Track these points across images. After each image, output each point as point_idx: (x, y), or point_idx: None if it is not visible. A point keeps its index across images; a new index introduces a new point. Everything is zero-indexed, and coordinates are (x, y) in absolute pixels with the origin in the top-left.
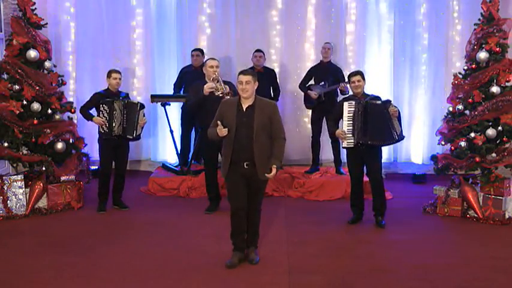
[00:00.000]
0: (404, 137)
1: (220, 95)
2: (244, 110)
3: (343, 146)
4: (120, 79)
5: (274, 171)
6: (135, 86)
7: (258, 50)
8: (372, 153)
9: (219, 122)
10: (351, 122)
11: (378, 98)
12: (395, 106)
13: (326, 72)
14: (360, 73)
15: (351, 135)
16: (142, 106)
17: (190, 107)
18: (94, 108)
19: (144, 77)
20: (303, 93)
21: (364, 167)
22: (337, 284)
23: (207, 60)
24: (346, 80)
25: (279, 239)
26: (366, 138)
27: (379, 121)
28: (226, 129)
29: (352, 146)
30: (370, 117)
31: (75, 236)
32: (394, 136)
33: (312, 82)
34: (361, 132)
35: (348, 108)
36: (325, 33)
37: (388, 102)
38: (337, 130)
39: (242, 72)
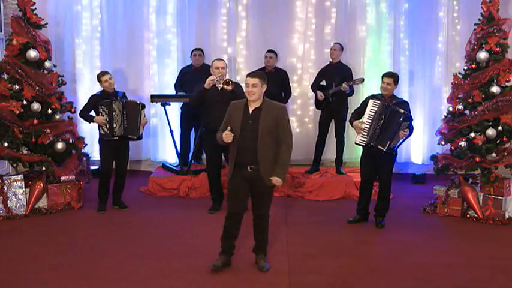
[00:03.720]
0: (395, 154)
1: (221, 86)
2: (251, 112)
3: (355, 141)
4: (111, 79)
5: (278, 181)
6: (134, 86)
7: (270, 51)
8: (385, 156)
9: (229, 128)
10: (370, 121)
11: (404, 104)
12: (408, 128)
13: (334, 73)
14: (392, 76)
15: (366, 133)
16: (143, 106)
17: (192, 100)
18: (93, 111)
19: (144, 77)
20: (312, 94)
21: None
22: (337, 284)
23: (214, 61)
24: (358, 78)
25: (279, 239)
26: (376, 142)
27: (391, 128)
28: (232, 135)
29: (363, 144)
30: (388, 122)
31: (75, 236)
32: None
33: (323, 83)
34: (374, 134)
35: (371, 107)
36: (325, 33)
37: (407, 120)
38: (355, 121)
39: (249, 75)
